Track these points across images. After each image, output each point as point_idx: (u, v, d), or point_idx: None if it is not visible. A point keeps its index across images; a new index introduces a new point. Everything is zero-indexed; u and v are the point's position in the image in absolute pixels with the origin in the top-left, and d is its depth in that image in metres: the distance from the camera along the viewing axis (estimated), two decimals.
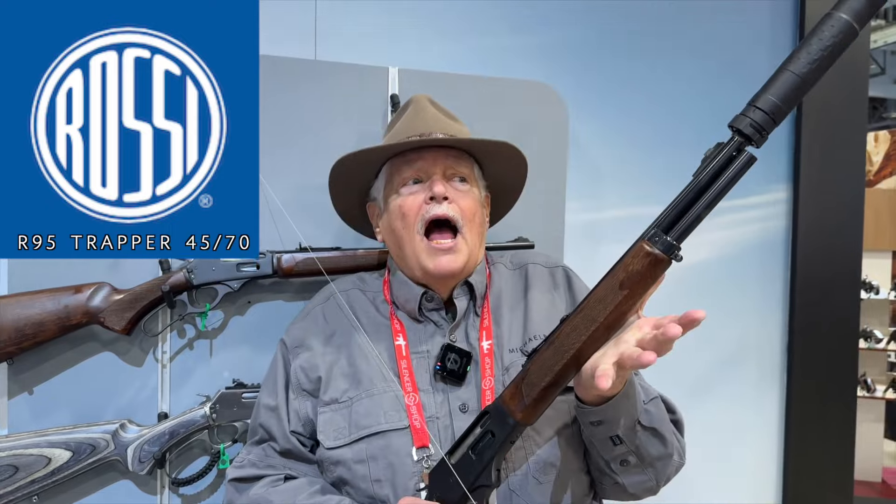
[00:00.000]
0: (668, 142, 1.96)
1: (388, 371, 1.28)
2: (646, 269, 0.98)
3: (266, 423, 1.33)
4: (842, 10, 0.93)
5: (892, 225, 5.03)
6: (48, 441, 1.45)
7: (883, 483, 4.93)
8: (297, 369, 1.32)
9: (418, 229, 1.29)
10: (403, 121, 1.41)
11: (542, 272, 1.42)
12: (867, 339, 4.90)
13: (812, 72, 0.93)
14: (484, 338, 1.30)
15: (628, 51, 1.94)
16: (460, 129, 1.41)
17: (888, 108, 11.56)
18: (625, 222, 1.94)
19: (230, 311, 1.61)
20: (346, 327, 1.35)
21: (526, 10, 1.85)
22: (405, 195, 1.32)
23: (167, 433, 1.51)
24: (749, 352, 2.08)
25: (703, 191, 0.97)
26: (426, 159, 1.32)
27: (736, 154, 0.96)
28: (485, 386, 1.25)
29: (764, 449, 2.10)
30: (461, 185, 1.33)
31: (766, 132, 0.95)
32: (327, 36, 1.70)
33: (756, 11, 2.03)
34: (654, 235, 0.99)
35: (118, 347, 1.55)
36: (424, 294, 1.33)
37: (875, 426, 4.97)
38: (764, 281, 2.09)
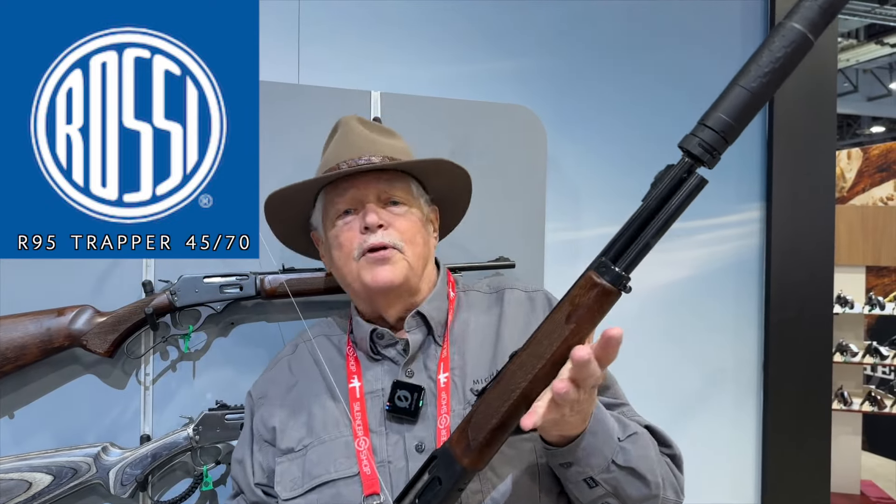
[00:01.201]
0: (643, 162, 1.97)
1: (341, 415, 1.23)
2: (593, 301, 0.91)
3: (236, 476, 1.32)
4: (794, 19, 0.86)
5: (866, 240, 5.13)
6: (29, 465, 1.42)
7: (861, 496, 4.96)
8: (258, 422, 1.30)
9: (355, 256, 1.23)
10: (332, 146, 1.33)
11: (519, 297, 1.35)
12: (843, 352, 4.97)
13: (764, 86, 0.86)
14: (441, 370, 1.23)
15: (604, 75, 1.98)
16: (393, 145, 1.33)
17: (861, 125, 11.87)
18: (603, 240, 1.93)
19: (213, 333, 1.59)
20: (308, 377, 1.31)
21: (506, 37, 1.89)
22: (340, 227, 1.26)
23: (150, 456, 1.48)
24: (726, 368, 2.10)
25: (651, 216, 0.90)
26: (358, 186, 1.25)
27: (686, 176, 0.89)
28: (440, 424, 1.18)
29: (741, 464, 2.11)
30: (397, 209, 1.26)
31: (718, 152, 0.88)
32: (310, 60, 1.71)
33: (726, 37, 2.09)
34: (602, 265, 0.92)
35: (100, 370, 1.52)
36: (374, 331, 1.27)
37: (853, 439, 5.02)
38: (740, 298, 2.12)
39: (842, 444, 4.80)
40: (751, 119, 0.89)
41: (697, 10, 2.05)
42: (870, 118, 13.69)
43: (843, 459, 4.73)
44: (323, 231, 1.33)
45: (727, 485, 2.10)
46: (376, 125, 1.37)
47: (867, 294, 5.21)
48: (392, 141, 1.34)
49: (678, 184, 0.89)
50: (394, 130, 1.38)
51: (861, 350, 5.01)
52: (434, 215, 1.39)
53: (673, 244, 2.04)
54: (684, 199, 0.89)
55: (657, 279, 2.02)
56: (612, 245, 0.93)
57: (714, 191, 2.06)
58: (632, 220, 0.92)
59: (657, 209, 0.90)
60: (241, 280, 1.54)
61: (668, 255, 2.03)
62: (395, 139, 1.36)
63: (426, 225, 1.32)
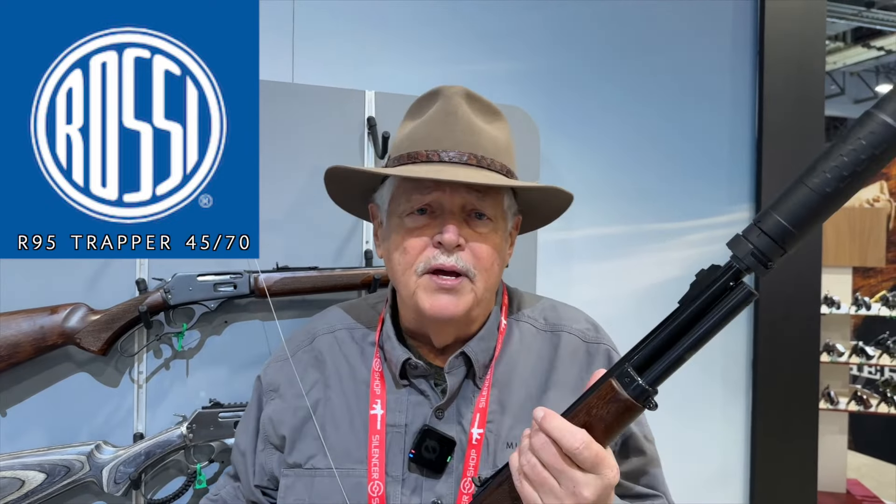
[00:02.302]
0: (635, 163, 2.01)
1: (358, 448, 1.11)
2: (612, 416, 0.81)
3: (237, 464, 1.27)
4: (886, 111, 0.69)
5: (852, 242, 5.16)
6: (22, 463, 1.41)
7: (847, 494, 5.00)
8: (266, 419, 1.21)
9: (418, 271, 1.08)
10: (425, 123, 1.13)
11: (576, 346, 1.19)
12: (830, 352, 5.00)
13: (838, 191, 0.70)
14: (476, 423, 1.09)
15: (597, 76, 1.99)
16: (496, 137, 1.13)
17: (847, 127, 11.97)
18: (595, 240, 1.98)
19: (207, 331, 1.59)
20: (326, 384, 1.18)
21: (499, 38, 1.89)
22: (410, 227, 1.09)
23: (143, 454, 1.48)
24: (715, 367, 2.11)
25: (689, 325, 0.80)
26: (444, 190, 1.07)
27: (733, 285, 0.78)
28: (463, 487, 1.07)
29: (730, 462, 2.13)
30: (482, 226, 1.09)
31: (772, 262, 0.75)
32: (305, 59, 1.71)
33: (718, 37, 2.10)
34: (625, 375, 0.81)
35: (93, 368, 1.52)
36: (408, 360, 1.12)
37: (839, 438, 5.05)
38: None
39: (828, 443, 4.83)
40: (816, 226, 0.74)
41: (688, 10, 2.06)
42: None
43: (829, 458, 4.76)
44: (386, 216, 1.16)
45: (716, 483, 2.11)
46: (484, 103, 1.15)
47: (853, 295, 5.25)
48: (497, 132, 1.14)
49: (722, 291, 0.78)
50: (500, 111, 1.18)
51: (847, 350, 5.04)
52: (517, 225, 1.24)
53: (664, 244, 2.05)
54: (728, 312, 0.78)
55: (648, 279, 2.03)
56: (639, 349, 0.83)
57: (704, 192, 2.10)
58: (665, 324, 0.82)
59: (696, 318, 0.79)
60: (235, 278, 1.53)
61: (659, 256, 2.04)
62: (501, 127, 1.16)
63: (506, 242, 1.16)
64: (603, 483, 0.82)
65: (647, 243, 2.03)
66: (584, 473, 0.82)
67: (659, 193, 2.02)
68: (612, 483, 0.84)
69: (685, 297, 0.80)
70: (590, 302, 1.47)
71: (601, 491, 0.82)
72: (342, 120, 1.66)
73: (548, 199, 1.22)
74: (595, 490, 0.82)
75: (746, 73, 2.11)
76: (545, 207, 1.25)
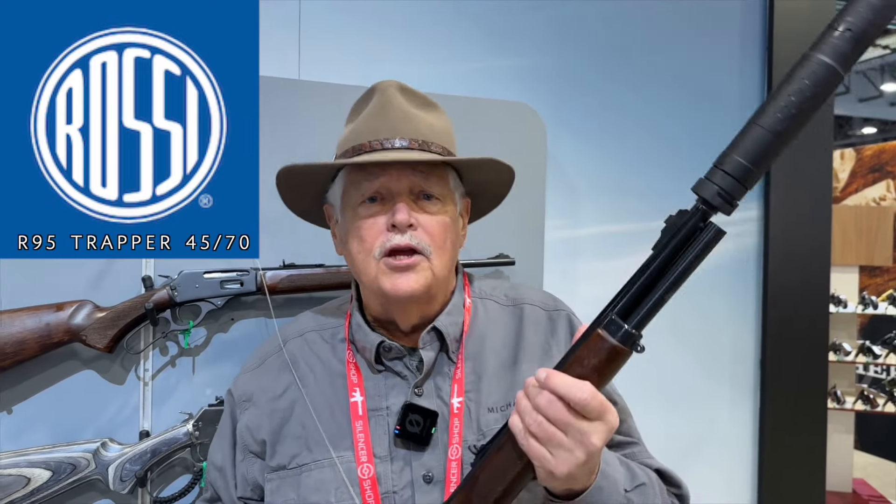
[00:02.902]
0: (643, 160, 1.99)
1: (340, 434, 1.13)
2: (603, 363, 0.85)
3: (214, 482, 1.25)
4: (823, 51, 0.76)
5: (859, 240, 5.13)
6: (28, 461, 1.41)
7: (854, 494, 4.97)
8: (242, 429, 1.20)
9: (376, 255, 1.11)
10: (365, 117, 1.17)
11: (539, 316, 1.24)
12: (836, 352, 4.96)
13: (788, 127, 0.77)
14: (455, 393, 1.14)
15: (605, 72, 1.97)
16: (433, 124, 1.18)
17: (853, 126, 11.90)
18: (602, 238, 1.96)
19: (213, 329, 1.59)
20: (301, 383, 1.20)
21: (506, 34, 1.88)
22: (363, 216, 1.13)
23: (149, 452, 1.48)
24: (723, 366, 2.10)
25: (664, 267, 0.84)
26: (390, 175, 1.11)
27: (702, 226, 0.82)
28: (451, 454, 1.10)
29: (737, 461, 2.11)
30: (431, 206, 1.14)
31: (736, 200, 0.80)
32: (311, 56, 1.70)
33: (726, 36, 2.09)
34: (611, 323, 0.85)
35: (99, 365, 1.51)
36: (381, 343, 1.15)
37: (845, 437, 5.03)
38: (737, 296, 2.11)
39: (835, 442, 4.79)
40: (772, 163, 0.80)
41: (696, 9, 2.04)
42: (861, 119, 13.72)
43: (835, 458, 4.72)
44: (340, 211, 1.20)
45: (723, 482, 2.10)
46: (419, 96, 1.21)
47: (860, 293, 5.22)
48: (433, 118, 1.19)
49: (692, 232, 0.82)
50: (436, 103, 1.23)
51: (854, 349, 5.01)
52: (466, 208, 1.28)
53: None
54: (700, 251, 0.82)
55: None
56: (621, 298, 0.86)
57: None
58: (641, 270, 0.85)
59: (670, 260, 0.83)
60: (242, 276, 1.53)
61: None
62: (437, 115, 1.21)
63: (456, 223, 1.20)
64: (608, 428, 0.86)
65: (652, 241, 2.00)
66: (590, 422, 0.85)
67: (666, 191, 2.00)
68: (614, 426, 0.88)
69: (658, 242, 0.84)
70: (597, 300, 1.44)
71: (606, 435, 0.87)
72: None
73: (493, 176, 1.25)
74: (602, 436, 0.86)
75: (755, 72, 2.09)
76: (492, 185, 1.28)
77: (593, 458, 0.88)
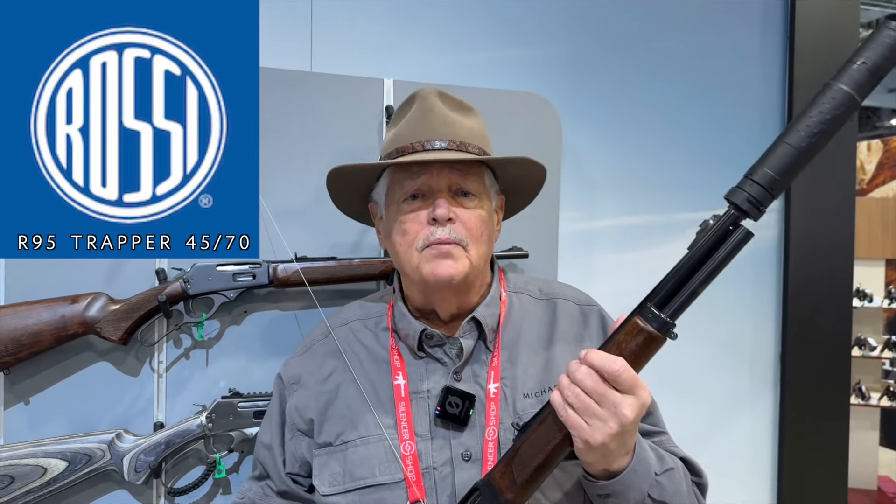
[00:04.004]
0: (659, 151, 1.97)
1: (384, 414, 1.22)
2: (639, 347, 0.96)
3: (263, 460, 1.31)
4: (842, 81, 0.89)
5: (885, 233, 5.05)
6: (44, 451, 1.44)
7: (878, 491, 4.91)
8: (291, 409, 1.29)
9: (418, 247, 1.20)
10: (406, 123, 1.27)
11: (572, 310, 1.33)
12: (861, 347, 4.90)
13: (811, 146, 0.90)
14: (491, 379, 1.22)
15: (620, 61, 1.95)
16: (471, 128, 1.27)
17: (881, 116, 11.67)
18: (618, 230, 1.95)
19: (226, 321, 1.60)
20: (347, 367, 1.28)
21: (520, 24, 1.87)
22: (406, 212, 1.22)
23: (163, 443, 1.50)
24: (742, 360, 2.08)
25: (698, 265, 0.95)
26: (431, 173, 1.21)
27: (732, 228, 0.94)
28: (487, 435, 1.18)
29: (758, 457, 2.10)
30: (468, 201, 1.23)
31: (764, 206, 0.93)
32: (323, 48, 1.70)
33: (747, 23, 2.05)
34: (648, 312, 0.97)
35: (114, 357, 1.54)
36: (424, 331, 1.24)
37: (870, 434, 4.96)
38: (757, 290, 2.09)
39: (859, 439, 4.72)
40: (796, 175, 0.93)
41: None
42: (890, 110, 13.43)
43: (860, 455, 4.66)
44: (385, 208, 1.29)
45: (743, 478, 2.09)
46: (456, 101, 1.31)
47: (886, 288, 5.13)
48: (470, 122, 1.28)
49: (724, 235, 0.94)
50: (472, 107, 1.33)
51: (879, 344, 4.94)
52: (501, 205, 1.37)
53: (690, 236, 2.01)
54: (731, 250, 0.94)
55: None
56: (658, 291, 0.97)
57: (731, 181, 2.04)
58: (678, 267, 0.97)
59: (704, 258, 0.95)
60: (254, 268, 1.54)
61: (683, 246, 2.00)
62: (473, 118, 1.30)
63: (492, 218, 1.29)
64: (640, 402, 0.96)
65: (670, 234, 1.99)
66: (622, 395, 0.95)
67: (684, 182, 1.98)
68: (646, 402, 0.97)
69: (693, 243, 0.96)
70: (612, 293, 1.45)
71: (638, 409, 0.95)
72: (360, 108, 1.65)
73: (526, 174, 1.34)
74: (633, 409, 0.95)
75: (776, 58, 2.05)
76: (526, 184, 1.38)
77: (626, 433, 0.97)
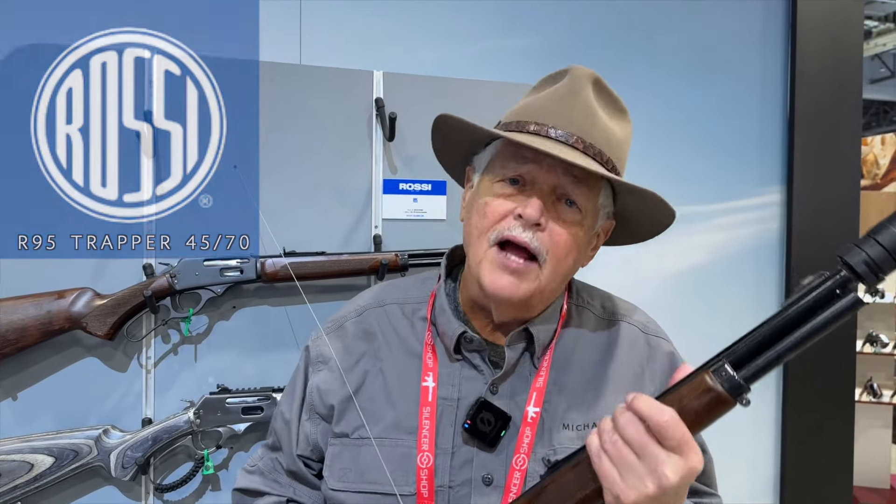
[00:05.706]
0: (661, 143, 2.01)
1: (406, 416, 1.14)
2: (703, 408, 0.83)
3: (279, 432, 1.28)
4: None
5: None
6: (31, 447, 1.48)
7: (892, 490, 4.91)
8: (313, 388, 1.23)
9: (490, 239, 1.08)
10: (542, 97, 1.13)
11: (636, 337, 1.22)
12: (873, 343, 4.87)
13: None
14: (532, 402, 1.12)
15: (621, 51, 1.99)
16: (612, 135, 1.11)
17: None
18: None
19: (215, 316, 1.63)
20: (375, 351, 1.21)
21: (515, 14, 1.89)
22: (496, 194, 1.10)
23: (151, 439, 1.54)
24: None
25: (790, 328, 0.81)
26: (540, 165, 1.07)
27: (840, 292, 0.79)
28: (515, 463, 1.09)
29: (761, 454, 2.15)
30: (569, 214, 1.09)
31: (884, 273, 0.77)
32: (312, 40, 1.72)
33: (749, 13, 2.09)
34: (722, 370, 0.83)
35: (102, 353, 1.57)
36: (463, 334, 1.14)
37: (883, 432, 4.92)
38: (759, 283, 2.14)
39: (871, 437, 4.73)
40: None
41: None
42: None
43: (872, 453, 4.66)
44: (478, 179, 1.17)
45: (745, 476, 2.14)
46: (611, 96, 1.15)
47: None
48: (615, 125, 1.14)
49: (829, 298, 0.80)
50: (626, 109, 1.18)
51: (892, 341, 4.92)
52: (607, 230, 1.22)
53: (692, 227, 2.06)
54: (833, 317, 0.79)
55: (676, 263, 2.05)
56: (737, 348, 0.85)
57: (732, 173, 2.10)
58: (767, 323, 0.84)
59: (799, 321, 0.81)
60: (242, 263, 1.56)
61: (687, 239, 2.05)
62: (620, 123, 1.15)
63: (590, 241, 1.16)
64: (686, 466, 0.82)
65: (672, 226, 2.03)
66: (667, 453, 0.82)
67: (686, 175, 2.02)
68: (695, 469, 0.83)
69: (790, 300, 0.82)
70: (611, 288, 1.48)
71: (684, 474, 0.82)
72: (350, 101, 1.67)
73: (647, 211, 1.17)
74: (677, 472, 0.81)
75: (778, 49, 2.10)
76: (644, 220, 1.21)
77: (666, 498, 0.83)
